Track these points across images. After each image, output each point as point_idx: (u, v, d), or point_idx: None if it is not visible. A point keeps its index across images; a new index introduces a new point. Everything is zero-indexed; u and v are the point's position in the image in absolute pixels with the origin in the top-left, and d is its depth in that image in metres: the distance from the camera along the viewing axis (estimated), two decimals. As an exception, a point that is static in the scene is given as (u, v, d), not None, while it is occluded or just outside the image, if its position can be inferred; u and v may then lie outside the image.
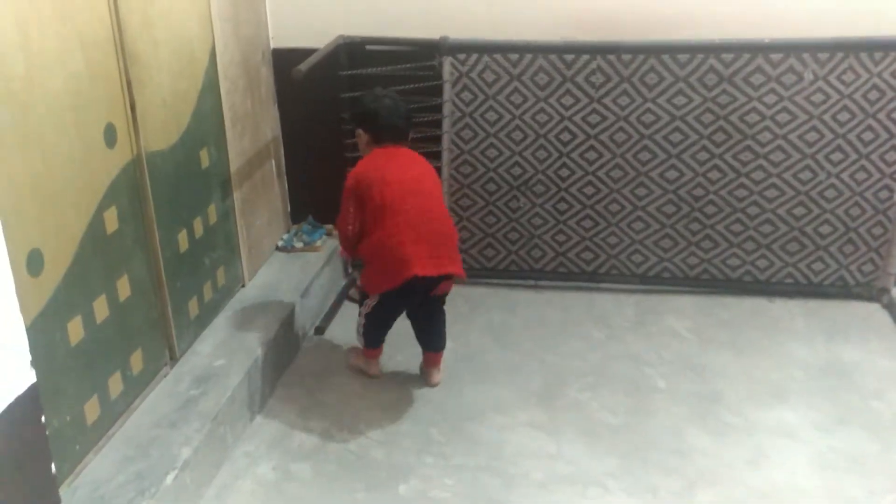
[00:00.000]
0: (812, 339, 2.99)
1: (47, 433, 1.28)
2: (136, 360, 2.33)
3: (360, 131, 2.73)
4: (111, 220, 2.19)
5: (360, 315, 2.78)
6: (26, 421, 1.19)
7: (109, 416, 2.20)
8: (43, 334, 1.90)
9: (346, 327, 3.13)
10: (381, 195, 2.54)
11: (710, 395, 2.68)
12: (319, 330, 3.13)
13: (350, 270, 3.53)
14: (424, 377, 2.81)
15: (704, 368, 2.83)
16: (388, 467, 2.38)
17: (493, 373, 2.83)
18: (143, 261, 2.36)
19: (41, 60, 1.88)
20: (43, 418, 1.24)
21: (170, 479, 2.04)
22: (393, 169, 2.60)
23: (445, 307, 2.82)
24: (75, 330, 2.03)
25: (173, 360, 2.55)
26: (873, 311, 3.18)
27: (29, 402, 1.17)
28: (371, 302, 2.71)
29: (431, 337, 2.80)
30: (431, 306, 2.76)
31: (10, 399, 1.15)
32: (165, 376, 2.49)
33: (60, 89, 1.96)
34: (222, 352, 2.63)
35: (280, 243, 3.36)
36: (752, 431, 2.51)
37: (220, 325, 2.80)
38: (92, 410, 2.11)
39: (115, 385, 2.22)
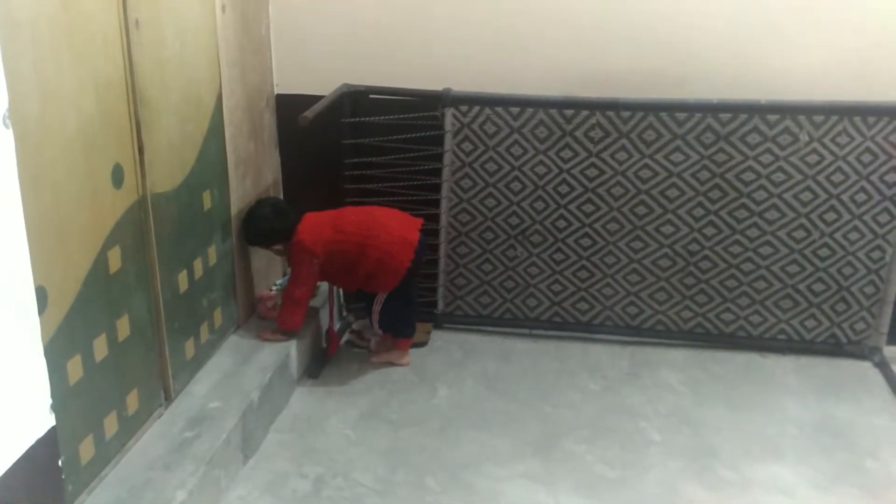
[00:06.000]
0: (805, 396, 3.01)
1: (63, 477, 1.27)
2: (132, 401, 2.32)
3: (277, 247, 3.06)
4: (115, 260, 2.19)
5: (376, 312, 3.12)
6: (44, 465, 1.18)
7: (104, 456, 2.18)
8: (43, 372, 1.89)
9: (341, 370, 3.13)
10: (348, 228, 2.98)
11: (706, 450, 2.68)
12: (313, 373, 3.12)
13: (345, 314, 3.53)
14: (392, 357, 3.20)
15: (699, 423, 2.84)
16: (383, 516, 2.36)
17: (489, 422, 2.82)
18: (143, 300, 2.36)
19: (55, 102, 1.90)
20: (60, 462, 1.24)
21: (164, 522, 2.02)
22: (328, 218, 3.04)
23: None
24: (75, 369, 2.02)
25: (168, 400, 2.54)
26: (865, 370, 3.21)
27: (48, 445, 1.17)
28: (381, 296, 3.07)
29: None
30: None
31: (31, 442, 1.14)
32: (160, 417, 2.47)
33: (73, 130, 1.98)
34: (217, 394, 2.61)
35: (274, 288, 3.35)
36: (747, 488, 2.51)
37: (215, 366, 2.79)
38: (86, 450, 2.09)
39: (111, 425, 2.21)
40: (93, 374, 2.10)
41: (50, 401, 1.22)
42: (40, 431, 1.18)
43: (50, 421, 1.20)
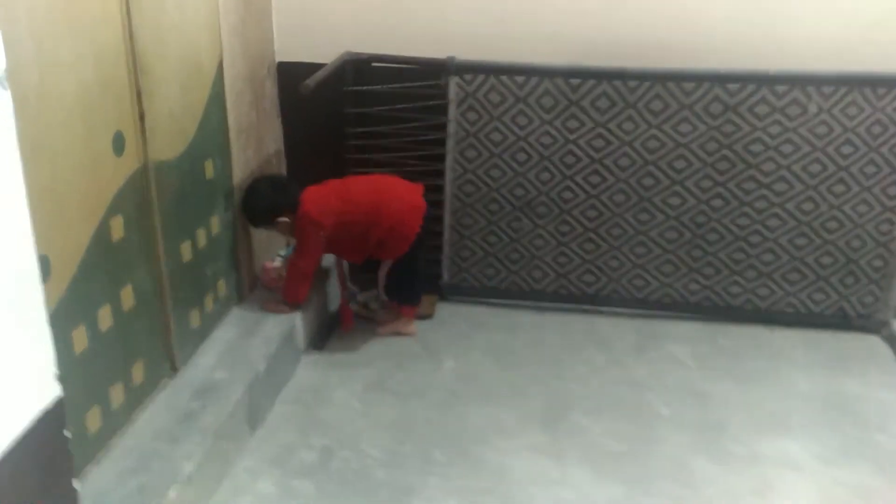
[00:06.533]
0: (813, 370, 2.99)
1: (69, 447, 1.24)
2: (138, 371, 2.29)
3: (283, 219, 2.93)
4: (117, 229, 2.16)
5: (381, 279, 3.12)
6: (51, 435, 1.16)
7: (110, 427, 2.15)
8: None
9: (346, 342, 3.11)
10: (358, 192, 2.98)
11: (714, 424, 2.67)
12: (319, 344, 3.10)
13: (349, 286, 3.50)
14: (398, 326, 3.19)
15: (706, 396, 2.82)
16: (391, 488, 2.35)
17: (496, 395, 2.81)
18: (147, 270, 2.32)
19: (54, 70, 1.86)
20: (67, 432, 1.21)
21: (173, 493, 2.00)
22: (331, 189, 3.00)
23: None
24: (80, 339, 1.99)
25: (174, 371, 2.51)
26: (873, 344, 3.19)
27: (54, 416, 1.14)
28: (387, 263, 3.06)
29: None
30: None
31: (38, 412, 1.12)
32: (166, 388, 2.45)
33: (72, 98, 1.93)
34: (223, 365, 2.59)
35: (278, 259, 3.31)
36: (756, 462, 2.49)
37: (221, 337, 2.76)
38: (93, 421, 2.07)
39: (117, 396, 2.18)
40: (98, 344, 2.07)
41: (56, 371, 1.19)
42: (47, 401, 1.15)
43: (56, 391, 1.17)
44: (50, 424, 1.15)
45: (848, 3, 3.02)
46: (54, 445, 1.19)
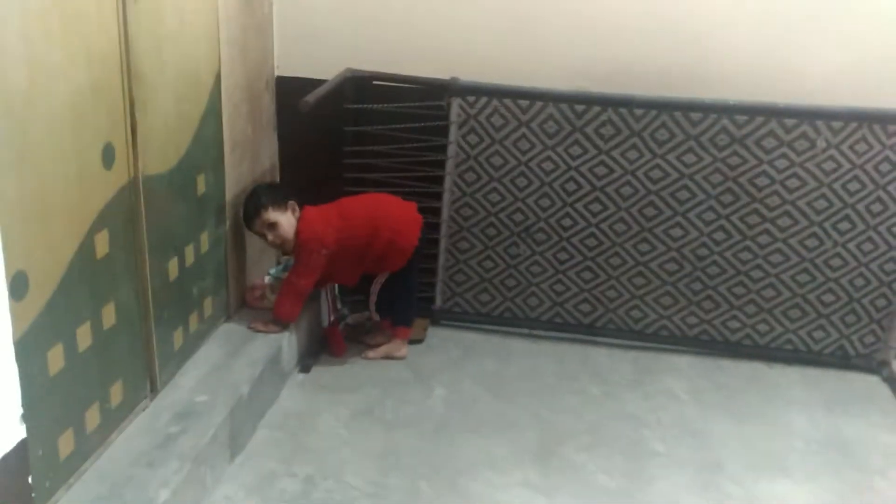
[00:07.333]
0: (812, 410, 2.92)
1: (33, 495, 1.15)
2: (116, 392, 2.21)
3: (293, 203, 2.93)
4: (102, 244, 2.08)
5: (374, 293, 3.07)
6: (12, 481, 1.07)
7: (84, 450, 2.06)
8: (21, 363, 1.76)
9: (334, 365, 3.04)
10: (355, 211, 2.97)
11: (710, 463, 2.59)
12: (305, 368, 3.02)
13: (340, 307, 3.42)
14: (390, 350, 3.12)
15: (704, 434, 2.75)
16: (375, 522, 2.26)
17: (487, 425, 2.72)
18: (131, 288, 2.24)
19: (44, 75, 1.78)
20: (31, 479, 1.12)
21: (145, 524, 1.92)
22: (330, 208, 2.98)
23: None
24: (55, 359, 1.90)
25: (154, 392, 2.42)
26: (873, 384, 3.12)
27: (16, 460, 1.05)
28: (381, 278, 3.03)
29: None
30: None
31: (-2, 455, 1.03)
32: (144, 410, 2.36)
33: (61, 106, 1.86)
34: (205, 387, 2.50)
35: (267, 277, 3.22)
36: (753, 505, 2.42)
37: (204, 358, 2.67)
38: (66, 444, 1.98)
39: (93, 418, 2.09)
40: (75, 364, 1.98)
41: (20, 411, 1.10)
42: (8, 445, 1.06)
43: (20, 433, 1.08)
44: (11, 468, 1.07)
45: (860, 38, 2.97)
46: (15, 489, 1.10)
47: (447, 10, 3.13)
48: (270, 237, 2.88)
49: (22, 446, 1.08)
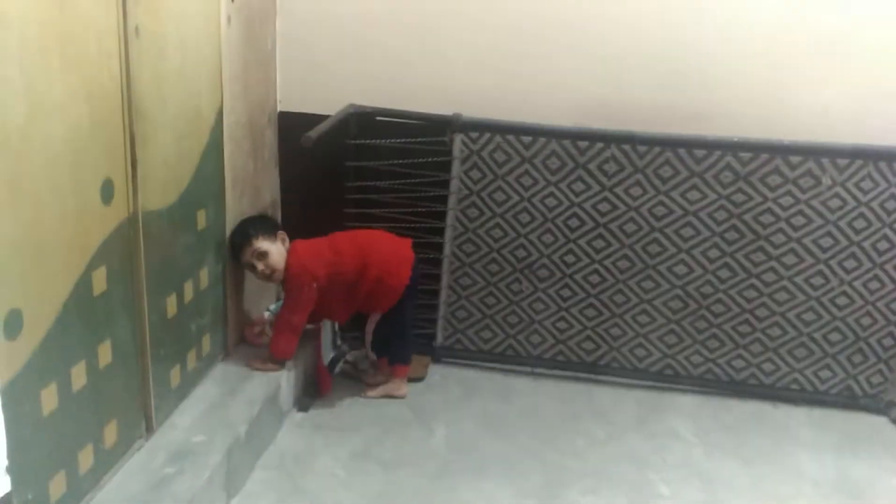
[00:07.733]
0: (820, 452, 2.87)
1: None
2: (111, 432, 2.16)
3: (282, 233, 2.89)
4: (99, 281, 2.04)
5: (369, 333, 3.06)
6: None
7: (76, 494, 2.01)
8: (12, 404, 1.73)
9: (333, 404, 2.98)
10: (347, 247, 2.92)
11: (717, 508, 2.54)
12: (304, 406, 2.97)
13: (339, 343, 3.38)
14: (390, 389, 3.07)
15: (710, 476, 2.69)
16: (374, 568, 2.20)
17: (488, 467, 2.67)
18: (128, 325, 2.20)
19: (43, 110, 1.76)
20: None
21: (137, 573, 1.86)
22: (321, 241, 2.95)
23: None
24: (49, 399, 1.86)
25: (149, 432, 2.37)
26: (881, 425, 3.07)
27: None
28: (375, 317, 3.01)
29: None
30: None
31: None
32: (139, 450, 2.31)
33: (60, 141, 1.83)
34: (202, 426, 2.45)
35: (267, 314, 3.18)
36: (762, 552, 2.36)
37: (201, 396, 2.62)
38: (57, 487, 1.93)
39: (86, 459, 2.04)
40: (69, 404, 1.94)
41: (6, 462, 1.06)
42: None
43: (4, 485, 1.04)
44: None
45: (866, 74, 2.96)
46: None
47: (450, 46, 3.13)
48: (260, 267, 2.81)
49: (6, 499, 1.04)
